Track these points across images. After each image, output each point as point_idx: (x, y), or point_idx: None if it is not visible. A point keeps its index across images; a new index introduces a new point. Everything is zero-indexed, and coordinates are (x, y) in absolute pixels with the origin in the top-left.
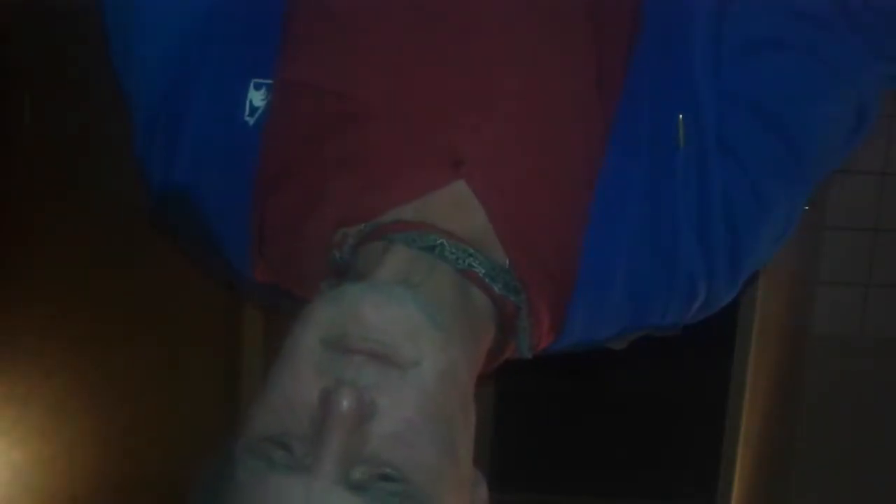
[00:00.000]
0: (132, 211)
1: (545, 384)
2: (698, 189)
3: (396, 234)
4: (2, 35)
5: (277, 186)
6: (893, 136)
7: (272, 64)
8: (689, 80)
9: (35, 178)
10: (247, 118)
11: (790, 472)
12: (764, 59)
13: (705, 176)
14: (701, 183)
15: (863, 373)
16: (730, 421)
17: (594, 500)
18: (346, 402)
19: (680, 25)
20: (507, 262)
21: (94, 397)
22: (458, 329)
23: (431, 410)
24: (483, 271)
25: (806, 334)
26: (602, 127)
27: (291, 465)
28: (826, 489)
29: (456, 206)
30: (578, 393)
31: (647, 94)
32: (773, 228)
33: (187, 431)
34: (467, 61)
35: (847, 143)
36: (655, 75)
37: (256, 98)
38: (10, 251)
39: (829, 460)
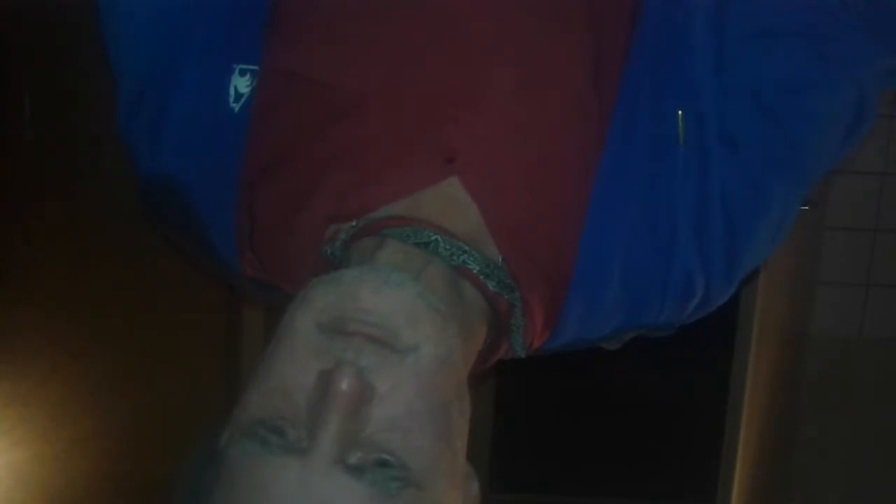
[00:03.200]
0: (132, 211)
1: (545, 384)
2: (697, 186)
3: (390, 230)
4: (2, 35)
5: (267, 178)
6: (893, 136)
7: (257, 50)
8: (689, 75)
9: (35, 178)
10: (232, 104)
11: (790, 473)
12: (766, 50)
13: (705, 172)
14: (700, 179)
15: (863, 373)
16: (730, 421)
17: (594, 500)
18: (346, 382)
19: (678, 19)
20: (501, 259)
21: (94, 397)
22: (454, 327)
23: (429, 396)
24: (477, 268)
25: (806, 334)
26: (598, 124)
27: (286, 448)
28: (826, 489)
29: (449, 203)
30: (578, 393)
31: (647, 90)
32: (771, 225)
33: (187, 431)
34: (461, 58)
35: (846, 139)
36: (654, 71)
37: (241, 84)
38: (10, 251)
39: (828, 460)
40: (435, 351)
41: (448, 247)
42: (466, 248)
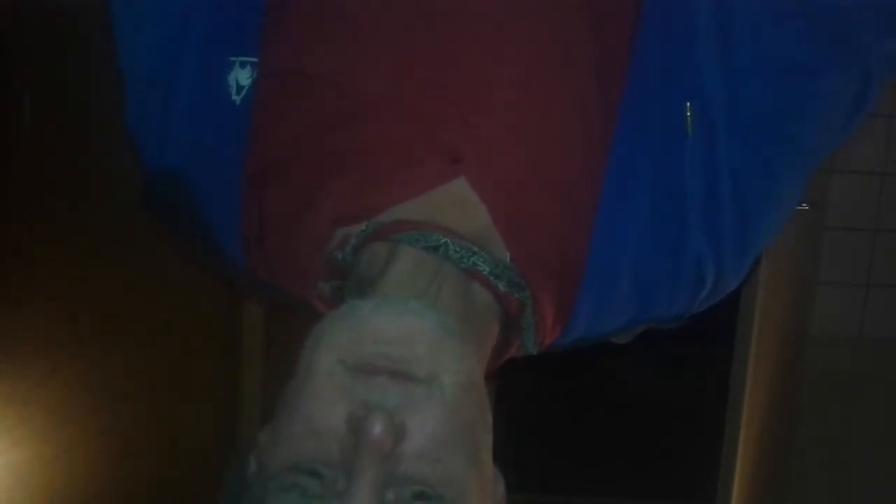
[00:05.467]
0: (132, 211)
1: (546, 384)
2: (706, 176)
3: (400, 235)
4: (2, 35)
5: (273, 179)
6: (893, 136)
7: (256, 41)
8: (694, 65)
9: (35, 178)
10: (234, 97)
11: (790, 473)
12: (773, 32)
13: (714, 162)
14: (709, 169)
15: (863, 373)
16: (730, 421)
17: (594, 499)
18: (378, 428)
19: (681, 9)
20: (510, 258)
21: (94, 397)
22: (468, 334)
23: (456, 423)
24: (487, 269)
25: (806, 334)
26: (604, 120)
27: (324, 495)
28: (825, 489)
29: (457, 204)
30: (579, 393)
31: (653, 83)
32: (780, 208)
33: (187, 431)
34: (464, 58)
35: (847, 121)
36: (659, 63)
37: (242, 77)
38: (10, 251)
39: (828, 460)
40: (457, 378)
41: (458, 249)
42: (476, 249)
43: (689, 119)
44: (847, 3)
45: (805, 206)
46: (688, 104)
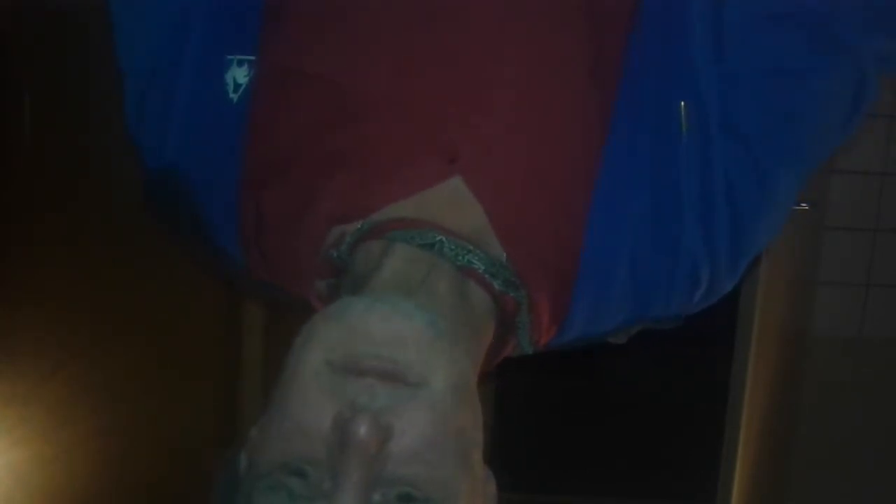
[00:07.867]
0: (132, 211)
1: (545, 384)
2: (701, 175)
3: (395, 233)
4: (2, 35)
5: (271, 179)
6: (893, 136)
7: (254, 40)
8: (689, 65)
9: (35, 179)
10: (231, 95)
11: (790, 473)
12: (766, 34)
13: (708, 162)
14: (704, 169)
15: (863, 373)
16: (730, 421)
17: (594, 500)
18: (363, 429)
19: (677, 9)
20: (506, 258)
21: (93, 397)
22: (462, 333)
23: (445, 425)
24: (483, 268)
25: (806, 335)
26: (600, 118)
27: (311, 496)
28: (825, 490)
29: (453, 203)
30: (578, 393)
31: (649, 83)
32: (775, 210)
33: (187, 431)
34: (463, 58)
35: (845, 123)
36: (655, 63)
37: (240, 75)
38: (10, 252)
39: (828, 461)
40: (447, 380)
41: (453, 247)
42: (471, 247)
43: (683, 118)
44: (836, 3)
45: (805, 206)
46: (682, 104)
